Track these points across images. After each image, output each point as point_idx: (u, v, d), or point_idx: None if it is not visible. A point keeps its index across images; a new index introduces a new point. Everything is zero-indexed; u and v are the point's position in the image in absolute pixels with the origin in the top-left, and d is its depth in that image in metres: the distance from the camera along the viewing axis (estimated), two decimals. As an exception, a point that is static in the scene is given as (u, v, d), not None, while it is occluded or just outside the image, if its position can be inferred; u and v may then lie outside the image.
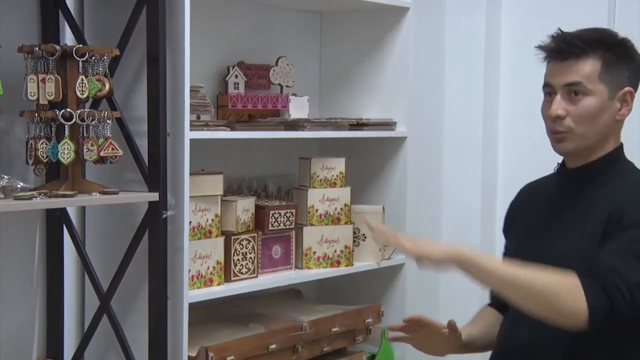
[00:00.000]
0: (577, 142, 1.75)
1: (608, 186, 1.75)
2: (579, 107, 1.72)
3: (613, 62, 1.73)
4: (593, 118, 1.72)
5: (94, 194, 2.07)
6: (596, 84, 1.72)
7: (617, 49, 1.74)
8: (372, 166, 2.91)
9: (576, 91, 1.72)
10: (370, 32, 2.89)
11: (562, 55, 1.73)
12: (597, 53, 1.72)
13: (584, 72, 1.71)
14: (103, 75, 2.09)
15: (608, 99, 1.73)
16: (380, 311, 2.76)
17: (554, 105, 1.74)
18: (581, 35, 1.74)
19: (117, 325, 2.19)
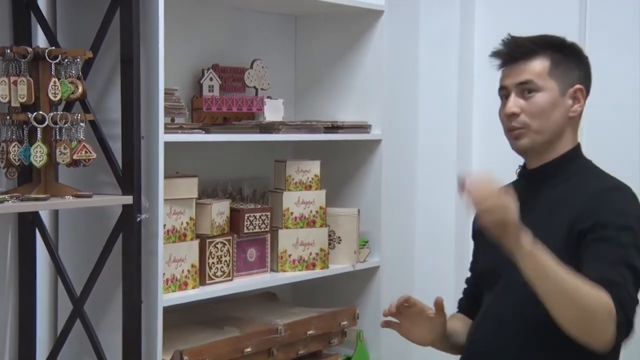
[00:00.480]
0: (533, 137, 1.81)
1: (568, 183, 1.81)
2: (531, 103, 1.80)
3: (562, 60, 1.81)
4: (546, 113, 1.79)
5: (67, 198, 2.05)
6: (546, 80, 1.79)
7: (565, 50, 1.83)
8: (347, 169, 2.92)
9: (529, 89, 1.80)
10: (344, 35, 2.90)
11: (514, 56, 1.82)
12: (546, 52, 1.81)
13: (534, 70, 1.80)
14: (76, 77, 2.07)
15: (559, 94, 1.81)
16: (356, 314, 2.76)
17: (508, 103, 1.82)
18: (530, 38, 1.83)
19: (91, 329, 2.17)
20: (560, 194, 1.80)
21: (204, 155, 2.64)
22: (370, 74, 2.85)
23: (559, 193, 1.81)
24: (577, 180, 1.81)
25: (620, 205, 1.73)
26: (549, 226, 1.76)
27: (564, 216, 1.75)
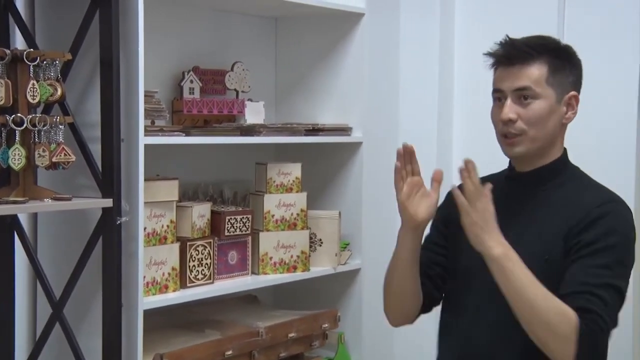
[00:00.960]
0: (529, 145, 1.80)
1: (561, 189, 1.82)
2: (529, 111, 1.78)
3: (559, 67, 1.80)
4: (543, 121, 1.79)
5: (46, 200, 2.04)
6: (544, 87, 1.78)
7: (562, 55, 1.81)
8: (328, 171, 2.92)
9: (526, 95, 1.78)
10: (325, 37, 2.90)
11: (511, 60, 1.79)
12: (543, 58, 1.78)
13: (532, 77, 1.77)
14: (55, 79, 2.06)
15: (556, 102, 1.80)
16: (337, 316, 2.76)
17: (505, 109, 1.79)
18: (528, 42, 1.80)
19: (70, 333, 2.15)
20: (551, 203, 1.80)
21: (185, 158, 2.63)
22: (351, 77, 2.86)
23: (551, 201, 1.80)
24: (570, 189, 1.81)
25: (611, 222, 1.72)
26: (542, 234, 1.77)
27: (560, 226, 1.75)
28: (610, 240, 1.70)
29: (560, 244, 1.74)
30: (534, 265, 1.71)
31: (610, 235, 1.70)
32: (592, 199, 1.77)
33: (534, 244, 1.76)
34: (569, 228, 1.74)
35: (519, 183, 1.86)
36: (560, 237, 1.74)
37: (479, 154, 2.84)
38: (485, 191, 1.71)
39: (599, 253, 1.69)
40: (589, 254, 1.69)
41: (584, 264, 1.69)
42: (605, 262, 1.68)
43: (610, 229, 1.71)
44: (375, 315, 2.88)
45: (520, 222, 1.81)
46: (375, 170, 2.88)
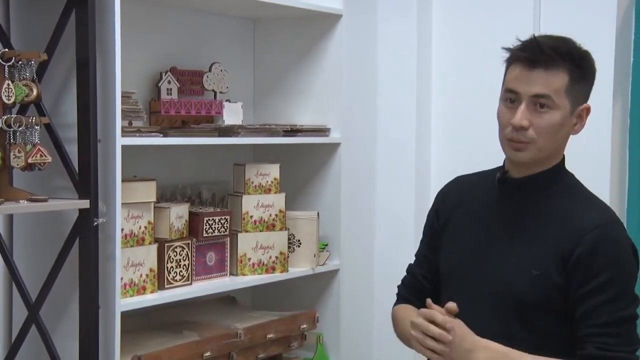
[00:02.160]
0: (536, 153, 1.71)
1: (552, 200, 1.74)
2: (543, 120, 1.68)
3: (579, 78, 1.70)
4: (555, 132, 1.70)
5: (22, 202, 2.02)
6: (562, 98, 1.68)
7: (583, 64, 1.72)
8: (306, 172, 2.92)
9: (542, 104, 1.68)
10: (303, 38, 2.90)
11: (535, 64, 1.68)
12: (567, 66, 1.68)
13: (553, 86, 1.67)
14: (30, 80, 2.04)
15: (569, 114, 1.71)
16: (316, 317, 2.76)
17: (518, 114, 1.68)
18: (554, 46, 1.69)
19: (47, 335, 2.14)
20: (546, 214, 1.73)
21: (163, 159, 2.62)
22: (329, 78, 2.86)
23: (543, 212, 1.73)
24: (561, 201, 1.74)
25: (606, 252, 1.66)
26: (531, 247, 1.72)
27: (554, 243, 1.69)
28: (610, 273, 1.65)
29: (555, 262, 1.68)
30: (520, 277, 1.70)
31: (608, 266, 1.65)
32: (585, 221, 1.69)
33: (522, 256, 1.72)
34: (566, 250, 1.67)
35: (513, 189, 1.78)
36: (552, 256, 1.68)
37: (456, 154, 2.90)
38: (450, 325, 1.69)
39: (604, 289, 1.64)
40: (593, 291, 1.64)
41: (591, 303, 1.65)
42: (610, 297, 1.64)
43: (607, 260, 1.65)
44: (353, 316, 2.90)
45: (511, 232, 1.76)
46: (354, 171, 2.89)
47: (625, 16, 2.60)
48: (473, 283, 1.78)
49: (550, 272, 1.68)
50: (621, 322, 1.65)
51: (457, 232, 1.85)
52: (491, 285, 1.75)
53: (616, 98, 2.60)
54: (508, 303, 1.72)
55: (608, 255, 1.66)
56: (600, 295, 1.65)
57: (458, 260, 1.82)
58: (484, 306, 1.75)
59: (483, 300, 1.75)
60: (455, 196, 1.91)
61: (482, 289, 1.76)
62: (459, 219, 1.86)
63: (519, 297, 1.70)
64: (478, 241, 1.79)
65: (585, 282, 1.65)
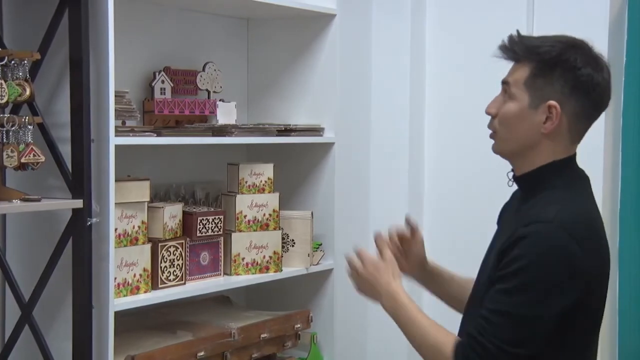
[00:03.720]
0: (501, 145, 1.74)
1: (533, 200, 1.70)
2: (502, 109, 1.72)
3: (542, 72, 1.68)
4: (510, 123, 1.70)
5: (15, 202, 2.02)
6: (520, 89, 1.69)
7: (553, 60, 1.68)
8: (300, 172, 2.92)
9: (507, 92, 1.72)
10: (297, 38, 2.90)
11: (507, 55, 1.73)
12: (530, 60, 1.69)
13: (515, 76, 1.71)
14: (23, 79, 2.04)
15: (528, 107, 1.68)
16: (310, 316, 2.76)
17: (490, 102, 1.76)
18: (526, 41, 1.72)
19: (40, 335, 2.13)
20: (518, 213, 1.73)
21: (156, 159, 2.62)
22: (322, 77, 2.86)
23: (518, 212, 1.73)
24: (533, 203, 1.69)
25: (527, 245, 1.59)
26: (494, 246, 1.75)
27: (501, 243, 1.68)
28: (518, 265, 1.58)
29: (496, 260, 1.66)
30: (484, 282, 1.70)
31: (520, 259, 1.58)
32: (526, 218, 1.64)
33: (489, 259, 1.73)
34: (501, 246, 1.65)
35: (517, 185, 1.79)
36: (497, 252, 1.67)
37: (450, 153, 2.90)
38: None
39: (506, 278, 1.59)
40: (499, 278, 1.61)
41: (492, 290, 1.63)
42: (506, 288, 1.59)
43: (523, 253, 1.58)
44: (347, 316, 2.90)
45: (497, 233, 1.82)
46: (348, 170, 2.89)
47: (618, 16, 2.61)
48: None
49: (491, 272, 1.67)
50: (507, 314, 1.58)
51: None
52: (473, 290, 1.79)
53: (609, 98, 2.61)
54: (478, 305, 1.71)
55: (528, 249, 1.58)
56: (502, 284, 1.60)
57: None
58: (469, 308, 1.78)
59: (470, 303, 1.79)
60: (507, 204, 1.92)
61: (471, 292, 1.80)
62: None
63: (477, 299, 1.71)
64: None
65: (499, 270, 1.62)
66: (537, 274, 1.57)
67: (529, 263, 1.57)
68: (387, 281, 1.79)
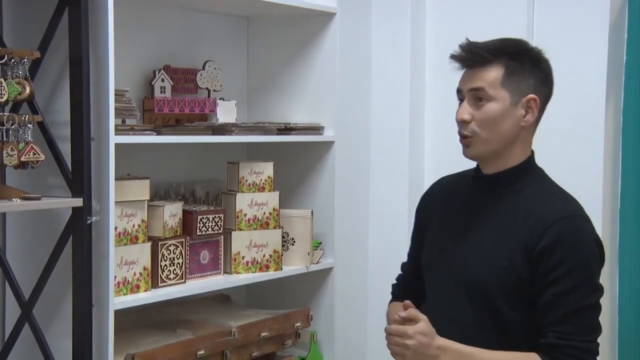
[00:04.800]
0: (482, 147, 1.81)
1: (522, 195, 1.82)
2: (482, 112, 1.79)
3: (516, 70, 1.79)
4: (495, 123, 1.79)
5: (15, 200, 2.02)
6: (498, 90, 1.78)
7: (522, 58, 1.80)
8: (300, 170, 2.92)
9: (480, 97, 1.79)
10: (297, 37, 2.90)
11: (469, 63, 1.81)
12: (501, 61, 1.78)
13: (487, 79, 1.78)
14: (23, 78, 2.04)
15: (510, 104, 1.79)
16: (310, 315, 2.76)
17: (460, 109, 1.82)
18: (487, 45, 1.81)
19: (40, 334, 2.13)
20: (513, 208, 1.81)
21: (156, 157, 2.61)
22: (322, 76, 2.86)
23: (513, 206, 1.81)
24: (530, 196, 1.81)
25: (568, 243, 1.73)
26: (501, 241, 1.79)
27: (520, 235, 1.76)
28: (571, 263, 1.72)
29: (523, 255, 1.75)
30: (488, 269, 1.77)
31: (569, 257, 1.72)
32: (551, 212, 1.76)
33: (493, 250, 1.79)
34: (530, 242, 1.74)
35: (483, 185, 1.88)
36: (518, 248, 1.76)
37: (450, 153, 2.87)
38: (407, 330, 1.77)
39: (564, 279, 1.71)
40: (554, 282, 1.72)
41: (551, 293, 1.72)
42: (571, 287, 1.71)
43: (569, 251, 1.72)
44: (347, 314, 2.90)
45: (480, 226, 1.84)
46: (347, 169, 2.89)
47: (619, 15, 2.60)
48: (448, 276, 1.85)
49: (516, 263, 1.75)
50: (581, 311, 1.71)
51: (435, 228, 1.95)
52: (463, 278, 1.82)
53: (609, 97, 2.61)
54: (478, 294, 1.78)
55: (570, 246, 1.73)
56: (561, 286, 1.71)
57: (434, 255, 1.91)
58: (458, 297, 1.82)
59: (457, 292, 1.82)
60: (437, 195, 2.01)
61: (455, 281, 1.83)
62: (439, 216, 1.95)
63: (488, 288, 1.76)
64: (452, 235, 1.88)
65: (547, 273, 1.72)
66: (587, 266, 1.73)
67: (578, 261, 1.72)
68: (438, 344, 1.75)
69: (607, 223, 2.59)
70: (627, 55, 2.57)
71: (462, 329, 1.79)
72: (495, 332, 1.77)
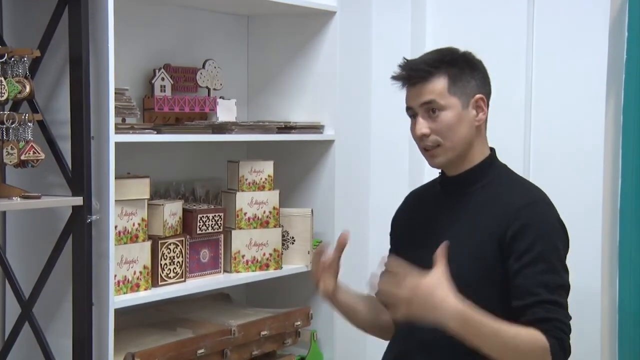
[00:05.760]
0: (447, 154, 1.88)
1: (489, 189, 1.89)
2: (438, 123, 1.86)
3: (458, 75, 1.87)
4: (454, 129, 1.86)
5: (15, 199, 2.02)
6: (447, 98, 1.86)
7: (459, 64, 1.89)
8: (300, 169, 2.92)
9: (432, 109, 1.86)
10: (297, 35, 2.90)
11: (414, 80, 1.87)
12: (441, 71, 1.86)
13: (435, 91, 1.85)
14: (23, 76, 2.04)
15: (462, 108, 1.87)
16: (310, 314, 2.77)
17: (417, 125, 1.88)
18: (424, 60, 1.90)
19: (40, 333, 2.14)
20: (481, 202, 1.88)
21: (156, 156, 2.61)
22: (323, 75, 2.86)
23: (480, 200, 1.88)
24: (496, 188, 1.89)
25: (537, 225, 1.79)
26: (475, 234, 1.84)
27: (489, 226, 1.82)
28: (543, 245, 1.78)
29: (494, 244, 1.80)
30: (470, 266, 1.81)
31: (540, 239, 1.78)
32: (518, 200, 1.84)
33: (468, 245, 1.83)
34: (500, 230, 1.80)
35: (449, 187, 1.95)
36: (492, 237, 1.81)
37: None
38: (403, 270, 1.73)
39: (538, 260, 1.76)
40: (529, 263, 1.76)
41: (528, 274, 1.76)
42: (546, 267, 1.76)
43: (539, 234, 1.78)
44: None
45: (454, 224, 1.88)
46: (347, 168, 2.89)
47: (619, 14, 2.60)
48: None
49: (489, 255, 1.80)
50: (558, 289, 1.76)
51: (407, 234, 2.01)
52: None
53: (609, 96, 2.61)
54: (457, 288, 1.75)
55: (539, 229, 1.79)
56: (535, 267, 1.76)
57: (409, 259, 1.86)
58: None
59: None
60: (405, 210, 2.09)
61: None
62: (409, 225, 2.02)
63: (465, 281, 1.76)
64: (426, 237, 1.92)
65: (520, 257, 1.77)
66: (557, 248, 1.79)
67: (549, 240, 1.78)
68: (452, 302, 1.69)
69: (607, 223, 2.59)
70: (627, 55, 2.57)
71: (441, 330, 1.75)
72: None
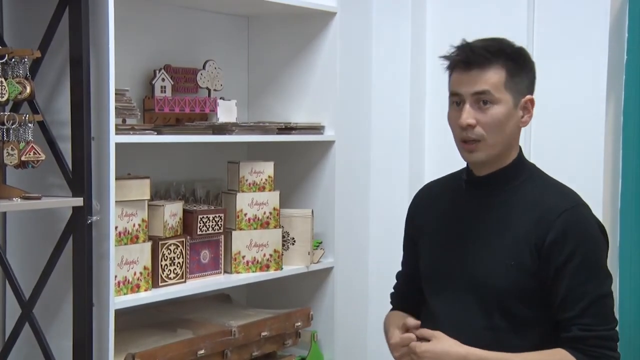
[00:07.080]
0: (489, 151, 1.78)
1: (521, 191, 1.81)
2: (487, 116, 1.76)
3: (515, 71, 1.77)
4: (502, 126, 1.76)
5: (15, 200, 2.02)
6: (502, 92, 1.75)
7: (518, 58, 1.79)
8: (300, 170, 2.92)
9: (485, 100, 1.75)
10: (297, 36, 2.90)
11: (469, 65, 1.76)
12: (501, 62, 1.76)
13: (491, 81, 1.75)
14: (24, 77, 2.04)
15: (513, 107, 1.77)
16: (310, 314, 2.77)
17: (464, 114, 1.76)
18: (486, 46, 1.77)
19: (40, 333, 2.13)
20: (513, 203, 1.80)
21: (157, 157, 2.62)
22: (323, 75, 2.86)
23: (511, 202, 1.80)
24: (530, 190, 1.81)
25: (577, 232, 1.74)
26: (507, 238, 1.77)
27: (523, 229, 1.76)
28: (586, 252, 1.73)
29: (528, 250, 1.74)
30: (495, 269, 1.76)
31: (583, 246, 1.73)
32: (557, 203, 1.77)
33: (495, 249, 1.78)
34: (537, 234, 1.74)
35: (479, 187, 1.85)
36: (524, 245, 1.75)
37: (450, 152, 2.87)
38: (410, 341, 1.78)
39: (581, 268, 1.72)
40: (573, 273, 1.72)
41: (573, 286, 1.72)
42: (589, 275, 1.72)
43: (581, 240, 1.73)
44: (348, 314, 2.90)
45: (481, 228, 1.82)
46: (348, 168, 2.89)
47: (619, 15, 2.61)
48: (452, 281, 1.83)
49: (524, 261, 1.74)
50: (600, 301, 1.73)
51: (431, 235, 1.92)
52: (469, 280, 1.80)
53: (610, 96, 2.61)
54: (487, 295, 1.76)
55: (578, 237, 1.73)
56: (576, 278, 1.71)
57: (435, 261, 1.88)
58: (466, 301, 1.80)
59: (465, 296, 1.80)
60: (426, 202, 1.99)
61: (461, 285, 1.81)
62: (432, 222, 1.93)
63: (497, 289, 1.75)
64: (451, 240, 1.86)
65: (560, 267, 1.72)
66: (597, 255, 1.75)
67: (589, 251, 1.73)
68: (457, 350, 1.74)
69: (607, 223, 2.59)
70: (627, 55, 2.57)
71: (473, 333, 1.76)
72: (507, 333, 1.75)
